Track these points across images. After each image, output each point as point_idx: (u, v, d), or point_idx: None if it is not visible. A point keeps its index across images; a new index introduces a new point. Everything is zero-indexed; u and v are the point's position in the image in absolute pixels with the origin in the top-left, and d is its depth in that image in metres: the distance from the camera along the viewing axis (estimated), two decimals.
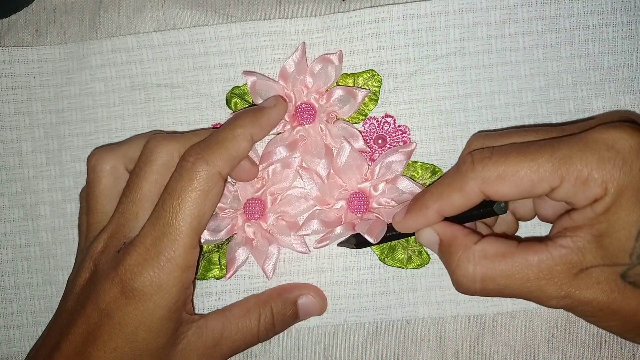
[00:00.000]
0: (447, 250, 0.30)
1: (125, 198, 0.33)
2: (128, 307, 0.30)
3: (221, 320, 0.34)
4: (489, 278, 0.29)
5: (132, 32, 0.39)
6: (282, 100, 0.36)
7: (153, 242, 0.31)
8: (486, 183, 0.29)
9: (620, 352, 0.36)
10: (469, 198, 0.29)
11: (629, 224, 0.27)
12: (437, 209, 0.30)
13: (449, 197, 0.30)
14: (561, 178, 0.27)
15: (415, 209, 0.31)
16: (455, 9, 0.37)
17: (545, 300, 0.28)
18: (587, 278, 0.28)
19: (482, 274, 0.29)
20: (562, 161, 0.27)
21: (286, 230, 0.36)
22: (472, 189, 0.29)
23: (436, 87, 0.37)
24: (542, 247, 0.28)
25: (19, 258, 0.38)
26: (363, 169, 0.36)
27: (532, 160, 0.28)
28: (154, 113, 0.38)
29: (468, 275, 0.29)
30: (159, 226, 0.31)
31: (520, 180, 0.28)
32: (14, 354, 0.38)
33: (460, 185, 0.29)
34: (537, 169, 0.28)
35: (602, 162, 0.27)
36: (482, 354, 0.37)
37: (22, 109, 0.39)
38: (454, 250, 0.30)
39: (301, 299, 0.36)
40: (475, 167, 0.29)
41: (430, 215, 0.31)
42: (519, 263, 0.28)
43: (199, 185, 0.31)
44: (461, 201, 0.30)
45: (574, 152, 0.27)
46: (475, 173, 0.29)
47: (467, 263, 0.29)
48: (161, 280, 0.30)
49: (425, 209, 0.31)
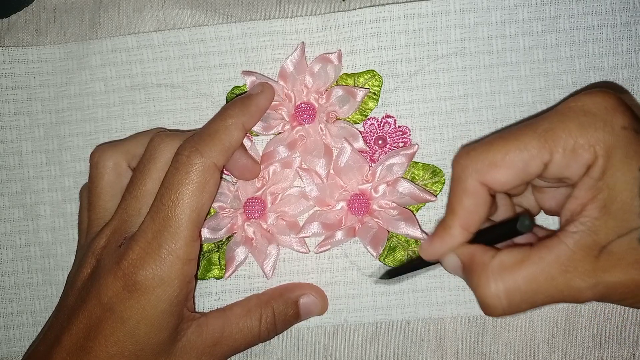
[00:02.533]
0: (468, 272, 0.29)
1: (128, 194, 0.33)
2: (130, 301, 0.30)
3: (222, 319, 0.34)
4: (513, 290, 0.27)
5: (132, 32, 0.39)
6: (268, 86, 0.36)
7: (154, 236, 0.31)
8: (481, 173, 0.28)
9: (621, 352, 0.36)
10: (478, 196, 0.29)
11: (628, 183, 0.26)
12: (460, 223, 0.29)
13: (461, 205, 0.29)
14: (550, 151, 0.27)
15: (439, 232, 0.30)
16: (456, 9, 0.37)
17: (577, 295, 0.27)
18: (609, 257, 0.26)
19: (505, 288, 0.27)
20: (546, 135, 0.27)
21: (286, 230, 0.36)
22: (473, 185, 0.28)
23: (437, 88, 0.37)
24: (556, 240, 0.27)
25: (19, 258, 0.38)
26: (364, 170, 0.36)
27: (517, 140, 0.28)
28: (154, 113, 0.38)
29: (491, 294, 0.27)
30: (159, 220, 0.31)
31: (511, 163, 0.28)
32: (14, 354, 0.38)
33: (462, 187, 0.29)
34: (524, 147, 0.27)
35: (583, 128, 0.27)
36: (483, 354, 0.37)
37: (22, 108, 0.39)
38: (473, 270, 0.28)
39: (302, 298, 0.36)
40: (465, 163, 0.29)
41: (455, 233, 0.29)
42: (538, 263, 0.27)
43: (196, 177, 0.31)
44: (473, 204, 0.29)
45: (554, 124, 0.27)
46: (467, 169, 0.28)
47: (487, 280, 0.28)
48: (163, 273, 0.31)
49: (449, 228, 0.29)
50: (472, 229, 0.29)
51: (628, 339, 0.36)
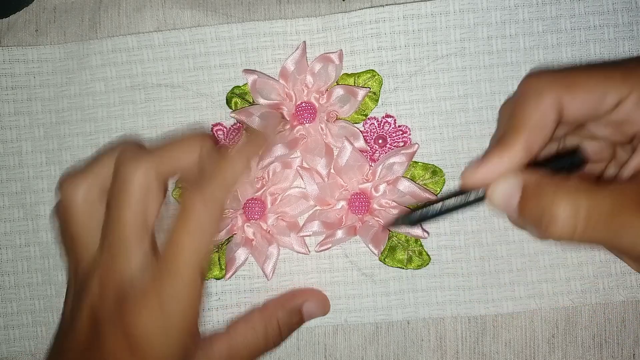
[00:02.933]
0: (535, 194, 0.26)
1: (109, 233, 0.30)
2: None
3: (226, 341, 0.33)
4: (596, 209, 0.25)
5: (132, 32, 0.39)
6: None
7: (156, 292, 0.28)
8: (560, 93, 0.27)
9: (621, 352, 0.36)
10: (548, 116, 0.27)
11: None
12: (525, 140, 0.27)
13: (530, 122, 0.27)
14: (630, 88, 0.27)
15: (494, 151, 0.27)
16: (455, 10, 0.37)
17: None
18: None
19: (588, 205, 0.25)
20: (630, 72, 0.27)
21: (286, 230, 0.36)
22: (548, 103, 0.27)
23: (437, 88, 0.37)
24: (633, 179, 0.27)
25: (18, 258, 0.38)
26: (364, 170, 0.36)
27: (601, 69, 0.28)
28: (154, 113, 0.38)
29: (568, 212, 0.25)
30: (160, 274, 0.28)
31: (593, 88, 0.27)
32: (14, 354, 0.38)
33: (535, 103, 0.27)
34: (607, 76, 0.27)
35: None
36: (483, 354, 0.37)
37: (22, 108, 0.39)
38: (544, 191, 0.26)
39: (305, 305, 0.36)
40: (544, 79, 0.28)
41: (517, 150, 0.27)
42: (622, 190, 0.25)
43: (205, 226, 0.29)
44: (542, 122, 0.27)
45: (637, 68, 0.27)
46: (546, 86, 0.27)
47: (567, 197, 0.25)
48: (168, 328, 0.28)
49: (510, 145, 0.27)
50: (534, 150, 0.27)
51: (628, 339, 0.36)
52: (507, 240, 0.37)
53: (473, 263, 0.36)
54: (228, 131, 0.37)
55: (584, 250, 0.36)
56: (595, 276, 0.36)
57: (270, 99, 0.37)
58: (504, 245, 0.37)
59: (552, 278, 0.36)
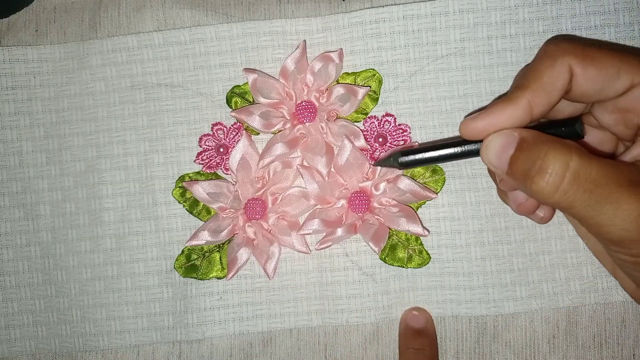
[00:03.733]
0: (529, 146, 0.26)
1: None
2: None
3: None
4: (585, 171, 0.25)
5: (132, 32, 0.39)
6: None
7: None
8: (577, 60, 0.27)
9: (621, 352, 0.36)
10: (558, 79, 0.27)
11: None
12: (530, 97, 0.27)
13: (540, 80, 0.27)
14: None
15: (498, 104, 0.27)
16: (455, 10, 0.37)
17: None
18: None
19: (578, 166, 0.25)
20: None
21: (287, 230, 0.36)
22: (563, 67, 0.27)
23: (436, 87, 0.37)
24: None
25: (19, 257, 0.38)
26: (364, 168, 0.36)
27: (619, 52, 0.28)
28: (154, 112, 0.38)
29: (557, 166, 0.25)
30: None
31: (606, 65, 0.27)
32: (15, 354, 0.38)
33: (549, 64, 0.27)
34: (622, 59, 0.27)
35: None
36: (483, 354, 0.37)
37: (22, 108, 0.39)
38: (538, 145, 0.26)
39: None
40: (564, 45, 0.28)
41: (521, 105, 0.27)
42: (618, 162, 0.26)
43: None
44: (551, 83, 0.27)
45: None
46: (565, 51, 0.28)
47: (559, 152, 0.25)
48: None
49: (515, 99, 0.27)
50: (537, 110, 0.28)
51: (628, 339, 0.36)
52: (508, 240, 0.37)
53: (474, 262, 0.36)
54: (228, 130, 0.37)
55: (584, 251, 0.36)
56: (594, 276, 0.36)
57: (271, 98, 0.37)
58: (505, 245, 0.37)
59: (552, 278, 0.36)
